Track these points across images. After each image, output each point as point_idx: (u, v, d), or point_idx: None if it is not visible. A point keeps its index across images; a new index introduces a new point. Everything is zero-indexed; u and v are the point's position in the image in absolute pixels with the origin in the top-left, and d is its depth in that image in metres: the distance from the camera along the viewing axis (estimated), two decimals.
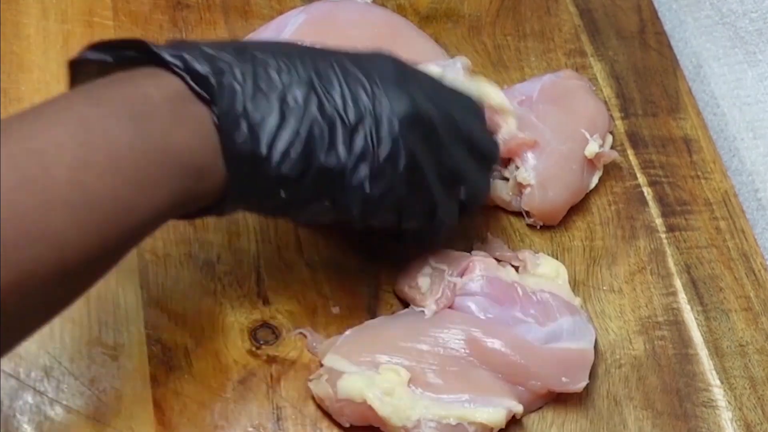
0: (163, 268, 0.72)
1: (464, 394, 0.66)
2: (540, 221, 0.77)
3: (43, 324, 0.55)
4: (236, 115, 0.58)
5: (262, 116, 0.59)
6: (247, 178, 0.59)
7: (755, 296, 0.77)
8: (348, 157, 0.61)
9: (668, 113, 0.86)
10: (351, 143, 0.61)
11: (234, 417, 0.66)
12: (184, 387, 0.67)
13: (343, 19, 0.82)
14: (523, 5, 0.91)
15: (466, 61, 0.83)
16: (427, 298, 0.70)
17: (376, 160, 0.61)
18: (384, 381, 0.65)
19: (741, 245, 0.79)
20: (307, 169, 0.60)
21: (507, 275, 0.71)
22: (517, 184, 0.76)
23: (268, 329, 0.70)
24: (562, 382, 0.68)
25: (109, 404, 0.66)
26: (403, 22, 0.85)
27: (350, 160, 0.61)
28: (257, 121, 0.59)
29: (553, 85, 0.81)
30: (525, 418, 0.68)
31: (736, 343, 0.74)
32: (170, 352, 0.68)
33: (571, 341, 0.70)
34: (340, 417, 0.66)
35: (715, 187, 0.82)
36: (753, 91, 0.87)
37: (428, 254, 0.72)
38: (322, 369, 0.67)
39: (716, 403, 0.71)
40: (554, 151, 0.77)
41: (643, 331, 0.74)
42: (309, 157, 0.60)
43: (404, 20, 0.85)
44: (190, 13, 0.85)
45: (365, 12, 0.84)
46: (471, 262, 0.71)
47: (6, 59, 0.79)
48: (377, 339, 0.68)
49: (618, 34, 0.90)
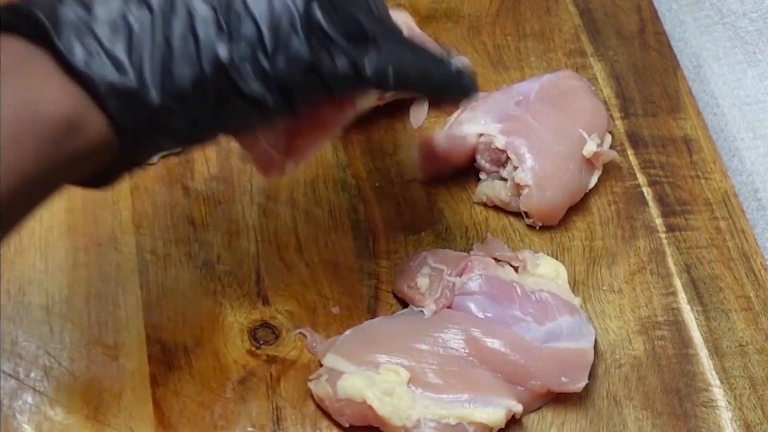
0: (163, 268, 0.72)
1: (464, 394, 0.66)
2: (539, 221, 0.77)
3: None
4: (85, 44, 0.51)
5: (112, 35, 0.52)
6: (131, 112, 0.52)
7: (755, 296, 0.77)
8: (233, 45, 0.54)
9: (668, 113, 0.86)
10: (230, 28, 0.54)
11: (234, 417, 0.66)
12: (183, 387, 0.67)
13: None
14: (523, 5, 0.91)
15: (467, 61, 0.83)
16: (427, 298, 0.70)
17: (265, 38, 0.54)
18: (384, 381, 0.65)
19: (741, 245, 0.79)
20: (194, 78, 0.53)
21: (506, 275, 0.71)
22: (515, 184, 0.76)
23: (268, 329, 0.70)
24: (562, 382, 0.68)
25: (109, 404, 0.66)
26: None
27: (238, 47, 0.54)
28: (109, 44, 0.52)
29: (552, 85, 0.81)
30: (525, 417, 0.68)
31: (736, 343, 0.74)
32: (170, 352, 0.69)
33: (571, 341, 0.70)
34: (340, 417, 0.66)
35: (715, 187, 0.82)
36: (753, 91, 0.87)
37: (427, 253, 0.72)
38: (322, 369, 0.67)
39: (716, 403, 0.71)
40: (551, 151, 0.77)
41: (643, 331, 0.74)
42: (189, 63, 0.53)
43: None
44: None
45: None
46: (469, 261, 0.71)
47: None
48: (377, 339, 0.68)
49: (618, 34, 0.90)
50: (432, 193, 0.79)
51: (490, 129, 0.77)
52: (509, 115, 0.78)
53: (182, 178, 0.76)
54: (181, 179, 0.76)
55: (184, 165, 0.77)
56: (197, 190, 0.75)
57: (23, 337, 0.68)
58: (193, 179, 0.76)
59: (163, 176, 0.76)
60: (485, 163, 0.78)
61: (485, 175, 0.78)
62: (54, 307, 0.70)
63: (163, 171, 0.76)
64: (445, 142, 0.78)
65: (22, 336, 0.68)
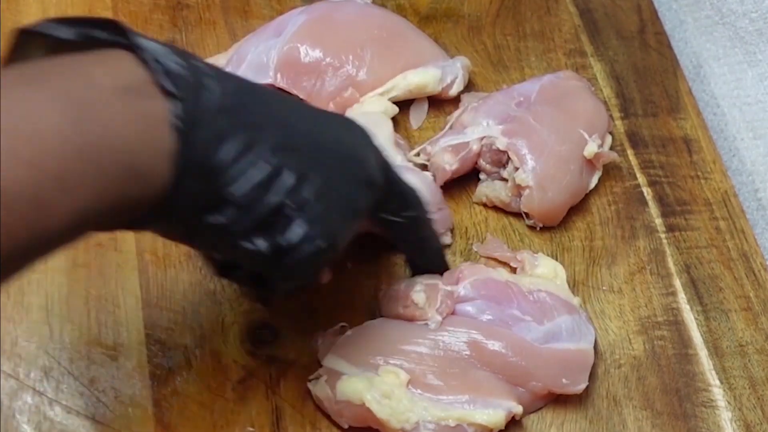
0: (163, 268, 0.72)
1: (464, 396, 0.66)
2: (539, 222, 0.77)
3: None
4: (206, 118, 0.52)
5: (231, 129, 0.53)
6: (194, 190, 0.53)
7: (755, 296, 0.77)
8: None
9: (668, 113, 0.86)
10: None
11: (233, 417, 0.66)
12: (183, 387, 0.67)
13: (343, 20, 0.82)
14: (523, 5, 0.91)
15: (467, 61, 0.84)
16: (428, 310, 0.69)
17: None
18: (383, 383, 0.65)
19: (741, 245, 0.79)
20: (258, 200, 0.54)
21: (500, 275, 0.71)
22: (515, 185, 0.76)
23: (267, 329, 0.70)
24: (563, 384, 0.68)
25: (109, 404, 0.66)
26: (403, 23, 0.85)
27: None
28: (225, 132, 0.53)
29: (553, 86, 0.81)
30: (524, 418, 0.68)
31: (736, 343, 0.74)
32: (170, 352, 0.68)
33: (571, 341, 0.70)
34: (339, 418, 0.66)
35: (715, 187, 0.82)
36: (753, 91, 0.87)
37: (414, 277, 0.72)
38: (321, 370, 0.67)
39: (716, 403, 0.71)
40: (552, 152, 0.76)
41: (643, 331, 0.74)
42: (265, 189, 0.54)
43: (404, 21, 0.85)
44: (190, 13, 0.85)
45: (365, 12, 0.84)
46: (461, 271, 0.71)
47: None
48: (377, 340, 0.68)
49: (618, 34, 0.90)
50: None
51: (491, 130, 0.77)
52: (510, 116, 0.78)
53: None
54: None
55: None
56: None
57: (23, 337, 0.68)
58: None
59: None
60: (486, 164, 0.78)
61: (485, 175, 0.78)
62: (54, 307, 0.70)
63: None
64: (451, 154, 0.77)
65: (22, 336, 0.68)
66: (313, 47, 0.80)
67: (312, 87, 0.80)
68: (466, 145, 0.77)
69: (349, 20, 0.82)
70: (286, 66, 0.79)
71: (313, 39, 0.80)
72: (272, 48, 0.80)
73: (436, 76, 0.81)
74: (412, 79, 0.81)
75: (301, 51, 0.80)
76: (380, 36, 0.82)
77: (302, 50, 0.80)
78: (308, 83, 0.80)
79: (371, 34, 0.82)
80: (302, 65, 0.80)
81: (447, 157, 0.77)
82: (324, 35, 0.81)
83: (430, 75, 0.81)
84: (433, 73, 0.81)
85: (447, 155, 0.77)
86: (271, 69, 0.80)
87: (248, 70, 0.80)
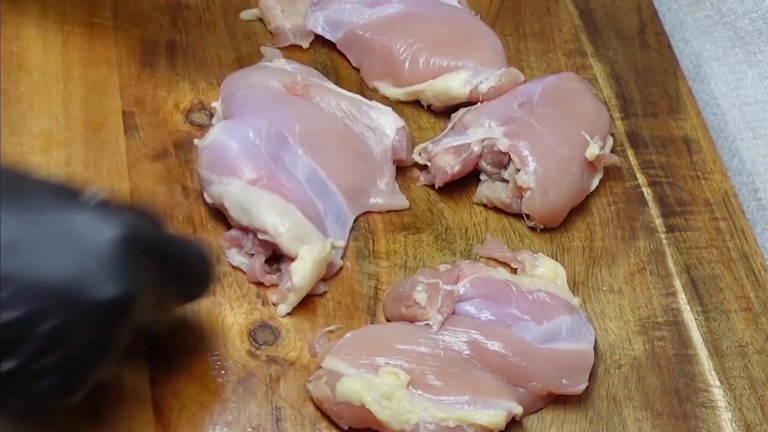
0: None
1: (464, 396, 0.66)
2: (540, 224, 0.77)
3: None
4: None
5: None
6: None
7: (755, 297, 0.77)
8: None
9: (668, 113, 0.86)
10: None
11: (233, 417, 0.66)
12: (183, 387, 0.67)
13: (433, 18, 0.85)
14: (523, 5, 0.91)
15: (513, 72, 0.83)
16: (429, 310, 0.69)
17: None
18: (383, 384, 0.65)
19: (741, 245, 0.79)
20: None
21: (499, 275, 0.71)
22: (516, 187, 0.76)
23: (267, 330, 0.70)
24: (563, 384, 0.68)
25: (109, 404, 0.66)
26: (481, 26, 0.86)
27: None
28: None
29: (554, 88, 0.81)
30: (524, 418, 0.68)
31: (736, 344, 0.74)
32: (170, 352, 0.68)
33: (571, 342, 0.70)
34: (339, 419, 0.66)
35: (715, 188, 0.82)
36: (753, 91, 0.87)
37: (416, 275, 0.71)
38: (321, 371, 0.67)
39: (716, 403, 0.71)
40: (554, 153, 0.76)
41: (643, 331, 0.74)
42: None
43: (483, 24, 0.86)
44: (190, 13, 0.85)
45: (450, 12, 0.86)
46: (461, 269, 0.71)
47: (6, 59, 0.79)
48: (377, 341, 0.68)
49: (618, 34, 0.90)
50: (432, 194, 0.79)
51: (493, 132, 0.77)
52: (512, 117, 0.78)
53: (182, 179, 0.76)
54: (181, 179, 0.76)
55: (183, 165, 0.77)
56: (197, 190, 0.75)
57: None
58: (193, 179, 0.75)
59: (163, 176, 0.76)
60: (487, 165, 0.78)
61: (485, 176, 0.78)
62: None
63: (163, 171, 0.76)
64: (452, 156, 0.77)
65: None
66: (382, 33, 0.84)
67: (360, 61, 0.84)
68: (467, 147, 0.77)
69: (437, 20, 0.85)
70: (353, 32, 0.84)
71: (394, 28, 0.84)
72: (355, 13, 0.84)
73: (459, 82, 0.81)
74: (437, 85, 0.81)
75: (367, 32, 0.84)
76: (447, 36, 0.84)
77: (369, 33, 0.84)
78: (359, 57, 0.84)
79: (441, 32, 0.84)
80: (364, 41, 0.84)
81: (448, 158, 0.77)
82: (406, 28, 0.84)
83: (454, 80, 0.81)
84: (457, 80, 0.81)
85: (448, 157, 0.77)
86: (345, 28, 0.84)
87: (327, 23, 0.85)
